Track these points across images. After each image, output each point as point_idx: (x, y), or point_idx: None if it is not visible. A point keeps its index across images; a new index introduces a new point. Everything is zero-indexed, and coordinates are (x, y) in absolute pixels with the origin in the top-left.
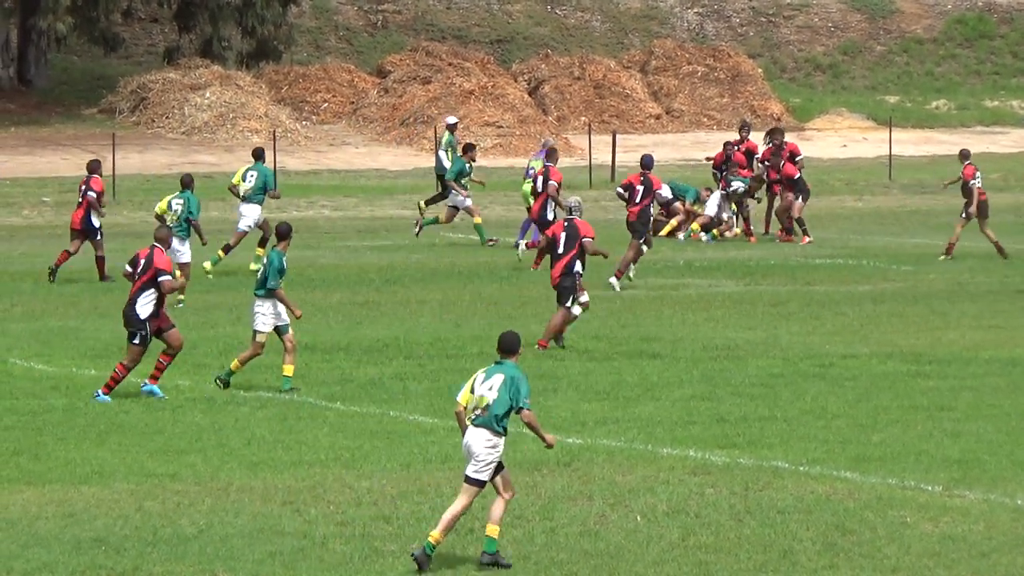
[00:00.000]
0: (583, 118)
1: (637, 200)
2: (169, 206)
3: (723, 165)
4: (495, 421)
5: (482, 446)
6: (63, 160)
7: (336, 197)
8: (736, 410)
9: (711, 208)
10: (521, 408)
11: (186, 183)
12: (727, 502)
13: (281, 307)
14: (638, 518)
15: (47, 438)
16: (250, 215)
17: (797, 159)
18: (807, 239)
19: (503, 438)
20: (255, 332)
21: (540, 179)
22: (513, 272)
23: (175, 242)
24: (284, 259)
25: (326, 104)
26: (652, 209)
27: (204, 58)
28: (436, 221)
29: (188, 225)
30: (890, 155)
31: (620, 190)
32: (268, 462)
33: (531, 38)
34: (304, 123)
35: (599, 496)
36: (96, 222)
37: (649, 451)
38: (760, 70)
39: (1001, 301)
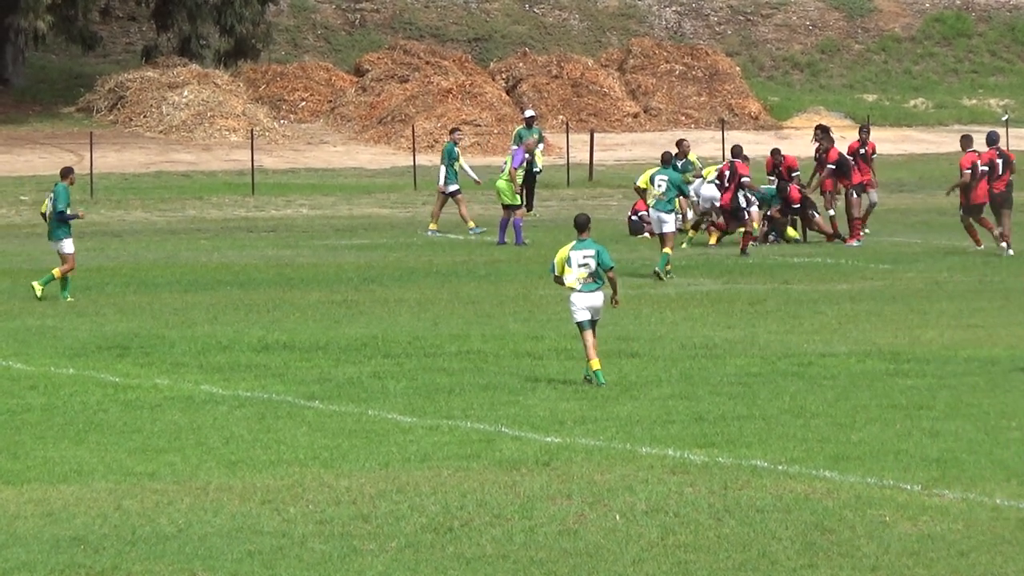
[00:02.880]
0: (561, 117)
1: (999, 175)
2: (652, 181)
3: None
4: None
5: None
6: (41, 159)
7: (314, 196)
8: (715, 409)
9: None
10: None
11: (680, 151)
12: (706, 501)
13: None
14: (617, 517)
15: (25, 437)
16: (708, 193)
17: (795, 173)
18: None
19: None
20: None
21: (727, 174)
22: (491, 271)
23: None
24: None
25: (304, 103)
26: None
27: (182, 57)
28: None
29: (679, 196)
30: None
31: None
32: (247, 461)
33: (509, 36)
34: (282, 122)
35: (578, 495)
36: (743, 202)
37: (628, 450)
38: (738, 68)
39: (979, 300)
